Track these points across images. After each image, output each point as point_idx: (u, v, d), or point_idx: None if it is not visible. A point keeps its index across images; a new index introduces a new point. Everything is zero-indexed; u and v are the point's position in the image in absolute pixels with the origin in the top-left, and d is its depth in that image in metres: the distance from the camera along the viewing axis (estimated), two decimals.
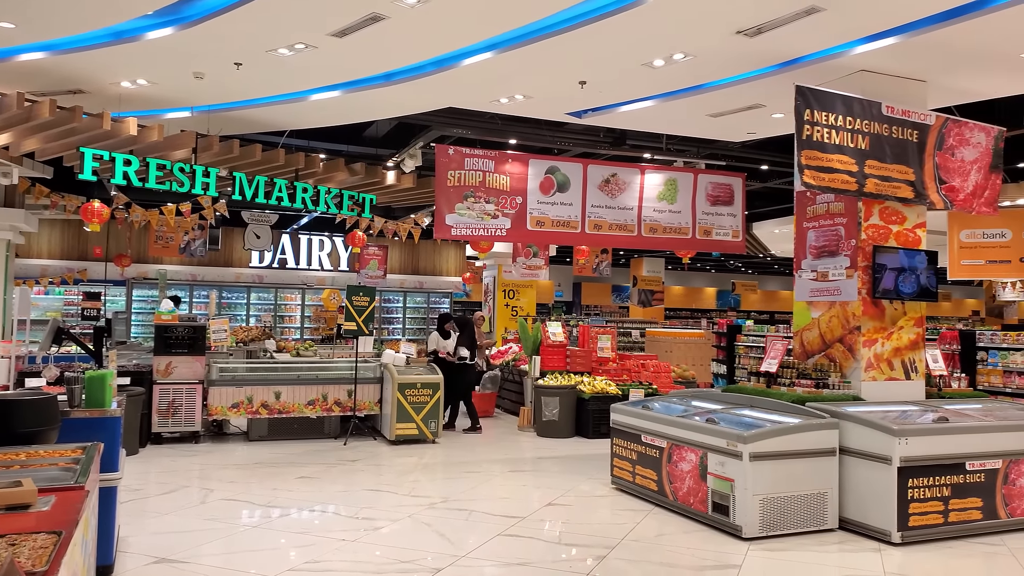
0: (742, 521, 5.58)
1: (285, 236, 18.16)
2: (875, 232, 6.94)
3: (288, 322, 17.95)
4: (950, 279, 13.77)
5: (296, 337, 17.40)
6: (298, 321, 17.96)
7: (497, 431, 10.56)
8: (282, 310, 17.93)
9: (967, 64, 6.86)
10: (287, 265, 18.14)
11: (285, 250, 18.14)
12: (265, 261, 17.94)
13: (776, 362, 7.19)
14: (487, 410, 11.74)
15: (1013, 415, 6.48)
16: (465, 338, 10.37)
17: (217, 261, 17.51)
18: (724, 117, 8.84)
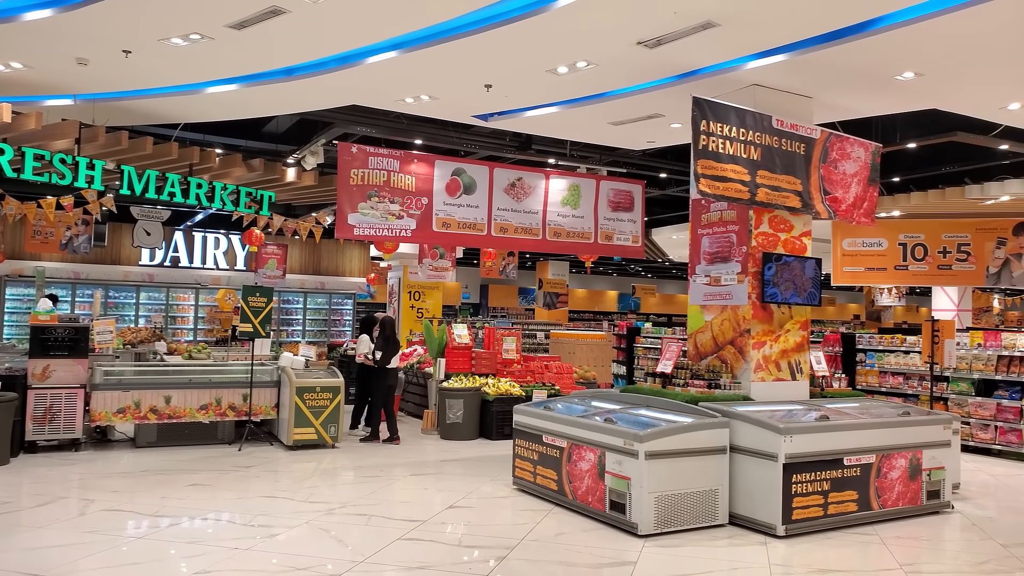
0: (638, 519, 5.73)
1: (178, 233, 17.36)
2: (765, 239, 7.29)
3: (181, 323, 17.18)
4: (834, 285, 14.61)
5: (189, 339, 16.67)
6: (191, 322, 17.22)
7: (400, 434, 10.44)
8: (174, 310, 17.15)
9: (848, 83, 7.30)
10: (180, 264, 17.34)
11: (178, 248, 17.33)
12: (156, 259, 17.09)
13: (671, 363, 7.43)
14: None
15: (886, 413, 6.94)
16: (384, 341, 9.84)
17: (104, 259, 16.55)
18: (625, 125, 9.07)
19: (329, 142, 10.89)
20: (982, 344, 10.30)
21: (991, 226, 12.96)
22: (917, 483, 6.61)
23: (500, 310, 31.28)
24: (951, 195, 11.73)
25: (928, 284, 14.60)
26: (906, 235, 13.47)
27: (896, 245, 13.55)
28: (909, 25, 5.77)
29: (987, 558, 5.55)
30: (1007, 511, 7.03)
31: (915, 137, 10.13)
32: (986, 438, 9.94)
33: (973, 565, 5.41)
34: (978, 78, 7.06)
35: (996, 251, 12.94)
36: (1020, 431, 9.59)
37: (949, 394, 10.41)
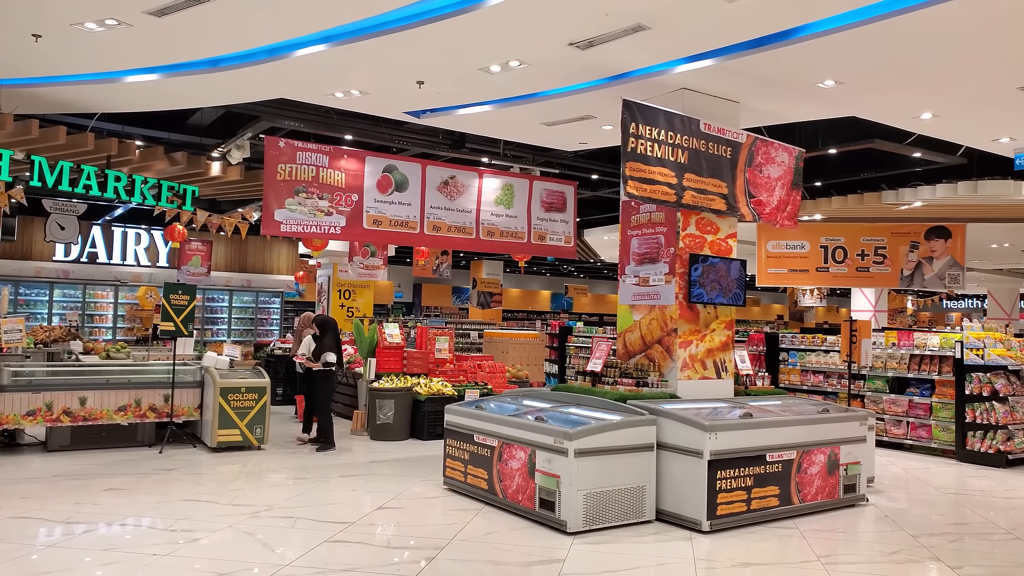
0: (567, 516, 5.77)
1: (96, 228, 16.64)
2: (692, 241, 7.44)
3: (99, 322, 16.47)
4: (758, 286, 15.05)
5: (108, 338, 16.00)
6: (110, 321, 16.53)
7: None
8: (92, 308, 16.43)
9: (773, 89, 7.51)
10: (98, 260, 16.61)
11: (96, 243, 16.60)
12: (72, 255, 16.33)
13: (601, 362, 7.51)
14: None
15: (807, 410, 7.17)
16: (331, 341, 9.27)
17: (13, 253, 15.72)
18: (558, 126, 9.13)
19: (256, 136, 10.61)
20: (896, 344, 10.77)
21: (905, 230, 13.57)
22: (835, 478, 6.86)
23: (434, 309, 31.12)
24: (869, 200, 12.23)
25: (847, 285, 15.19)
26: (827, 238, 13.98)
27: (818, 248, 14.04)
28: (830, 34, 5.98)
29: (898, 548, 5.80)
30: (917, 503, 7.36)
31: (836, 143, 10.52)
32: (899, 433, 10.39)
33: (885, 555, 5.64)
34: (893, 88, 7.37)
35: (909, 254, 13.55)
36: (930, 427, 10.06)
37: (866, 391, 10.85)
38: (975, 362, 9.61)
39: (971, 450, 9.48)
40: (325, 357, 9.10)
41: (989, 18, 5.72)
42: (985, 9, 5.56)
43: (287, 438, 9.82)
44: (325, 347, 9.18)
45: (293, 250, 18.93)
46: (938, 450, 9.94)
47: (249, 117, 10.32)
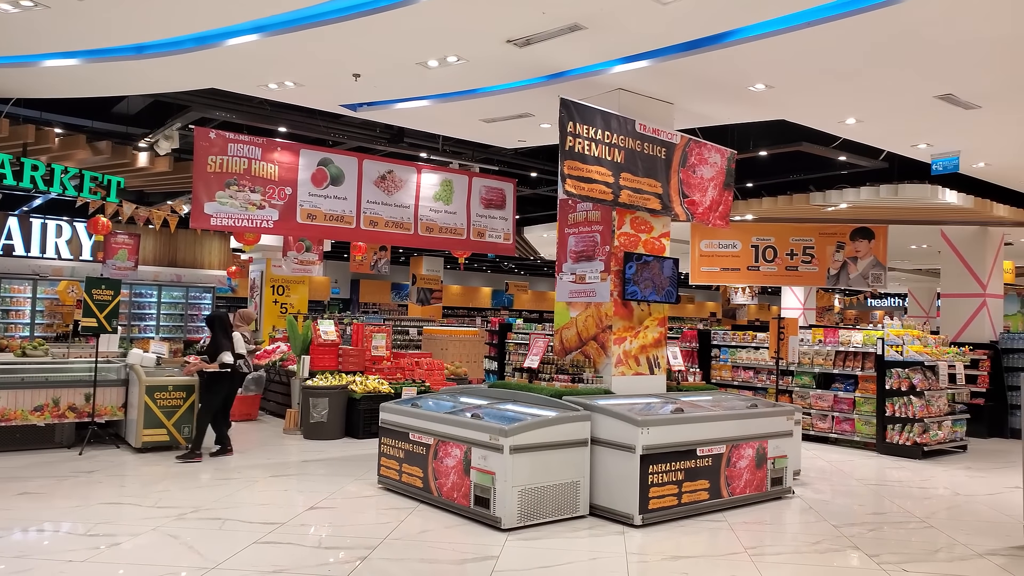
0: (502, 513, 5.78)
1: (12, 219, 15.84)
2: (627, 239, 7.53)
3: (15, 317, 15.71)
4: (692, 284, 15.36)
5: (25, 335, 15.28)
6: (28, 317, 15.79)
7: (261, 435, 10.04)
8: (7, 304, 15.65)
9: (707, 91, 7.66)
10: (14, 252, 15.80)
11: (12, 235, 15.79)
12: None
13: (538, 358, 7.54)
14: (250, 413, 11.12)
15: (736, 405, 7.35)
16: (226, 340, 8.45)
17: None
18: (497, 123, 9.12)
19: (185, 126, 10.28)
20: (822, 340, 11.14)
21: (832, 231, 14.05)
22: (763, 471, 7.05)
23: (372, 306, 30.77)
24: (798, 201, 12.61)
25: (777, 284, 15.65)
26: (758, 238, 14.36)
27: (749, 247, 14.41)
28: (761, 39, 6.12)
29: (821, 538, 6.00)
30: (840, 494, 7.63)
31: (767, 146, 10.80)
32: (824, 427, 10.76)
33: (809, 545, 5.83)
34: (820, 93, 7.60)
35: (836, 254, 14.03)
36: (853, 420, 10.45)
37: (793, 387, 11.19)
38: (895, 358, 10.02)
39: (891, 442, 9.89)
40: (221, 357, 8.23)
41: (908, 30, 5.96)
42: (904, 22, 5.78)
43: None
44: (221, 346, 8.30)
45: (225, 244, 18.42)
46: (861, 443, 10.33)
47: (179, 107, 9.99)
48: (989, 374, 12.13)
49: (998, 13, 5.59)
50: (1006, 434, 11.94)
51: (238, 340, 8.57)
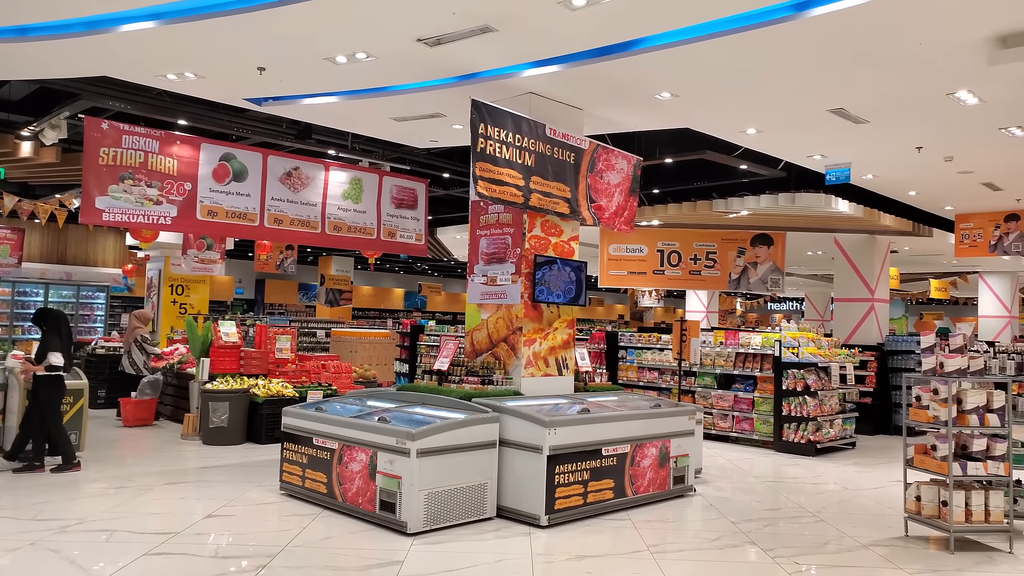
0: (408, 517, 5.70)
1: None
2: (537, 242, 7.58)
3: None
4: (601, 286, 15.64)
5: None
6: None
7: (156, 441, 9.58)
8: None
9: (615, 98, 7.80)
10: None
11: None
12: None
13: (448, 361, 7.50)
14: (145, 418, 10.60)
15: (641, 405, 7.51)
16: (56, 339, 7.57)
17: None
18: (408, 122, 9.01)
19: (75, 115, 9.70)
20: (723, 342, 11.54)
21: (733, 237, 14.59)
22: (666, 470, 7.23)
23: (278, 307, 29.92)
24: (701, 208, 13.03)
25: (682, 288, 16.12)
26: (663, 243, 14.76)
27: (655, 251, 14.79)
28: (667, 48, 6.27)
29: (720, 534, 6.20)
30: (739, 491, 7.90)
31: (672, 153, 11.10)
32: (725, 426, 11.14)
33: (709, 542, 6.01)
34: (722, 103, 7.87)
35: (737, 260, 14.57)
36: (752, 420, 10.86)
37: (696, 387, 11.54)
38: (791, 360, 10.48)
39: (787, 441, 10.33)
40: (49, 359, 7.45)
41: (802, 46, 6.23)
42: (798, 38, 6.05)
43: (109, 443, 9.07)
44: (50, 346, 7.52)
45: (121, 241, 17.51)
46: (759, 441, 10.75)
47: (67, 94, 9.41)
48: (876, 374, 12.85)
49: (885, 34, 5.92)
50: (891, 431, 12.68)
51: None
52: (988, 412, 6.04)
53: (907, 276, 25.09)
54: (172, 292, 15.52)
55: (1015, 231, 12.56)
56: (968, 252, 13.16)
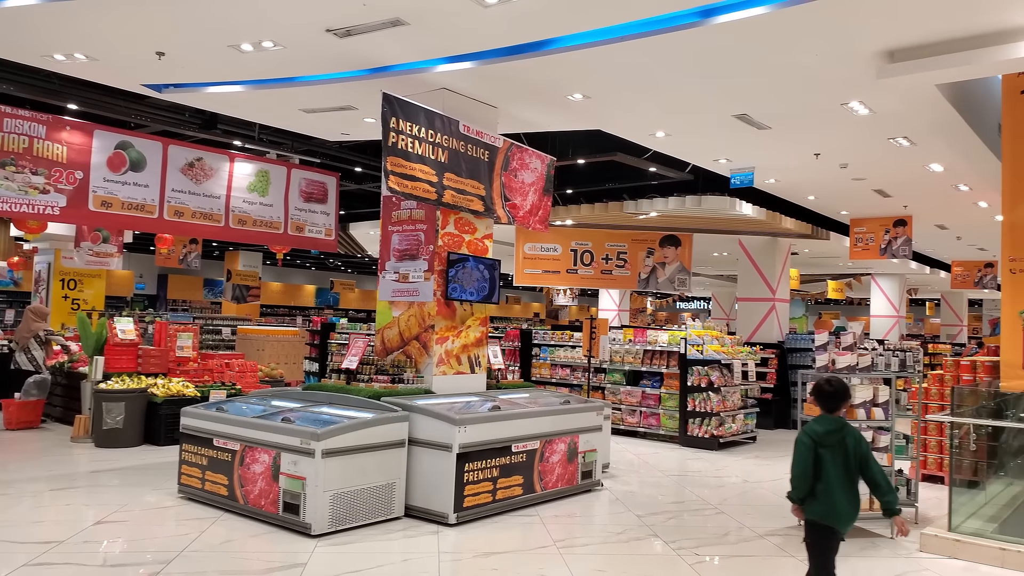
0: (312, 518, 5.57)
1: None
2: (450, 239, 7.54)
3: None
4: (516, 285, 15.72)
5: None
6: None
7: (43, 444, 9.03)
8: None
9: (529, 97, 7.84)
10: None
11: None
12: None
13: (357, 359, 7.37)
14: (31, 420, 9.97)
15: (551, 402, 7.58)
16: None
17: None
18: (318, 114, 8.80)
19: None
20: (632, 340, 11.79)
21: (643, 238, 14.94)
22: (574, 465, 7.32)
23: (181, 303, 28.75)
24: (612, 209, 13.28)
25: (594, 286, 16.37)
26: (577, 242, 14.97)
27: (569, 251, 14.99)
28: (578, 50, 6.35)
29: (626, 528, 6.32)
30: (646, 485, 8.09)
31: (585, 154, 11.26)
32: (633, 422, 11.39)
33: (614, 535, 6.12)
34: (632, 105, 8.02)
35: (646, 260, 14.93)
36: (659, 415, 11.14)
37: (606, 384, 11.75)
38: (696, 357, 10.80)
39: (691, 435, 10.64)
40: None
41: (708, 53, 6.43)
42: (705, 44, 6.23)
43: None
44: None
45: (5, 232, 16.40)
46: (666, 436, 11.04)
47: None
48: (776, 371, 13.42)
49: (784, 44, 6.17)
50: (790, 425, 13.26)
51: None
52: (874, 406, 6.38)
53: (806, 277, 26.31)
54: (64, 287, 14.65)
55: (902, 235, 13.35)
56: (861, 255, 13.90)
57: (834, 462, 4.06)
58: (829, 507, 4.04)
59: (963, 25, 5.64)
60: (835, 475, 4.04)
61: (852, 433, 4.15)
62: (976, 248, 18.28)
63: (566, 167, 11.75)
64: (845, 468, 4.06)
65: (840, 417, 4.24)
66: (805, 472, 4.09)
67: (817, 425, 4.18)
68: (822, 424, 4.18)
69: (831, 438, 4.10)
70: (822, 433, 4.12)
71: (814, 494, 4.07)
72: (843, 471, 4.06)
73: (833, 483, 4.03)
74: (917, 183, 10.84)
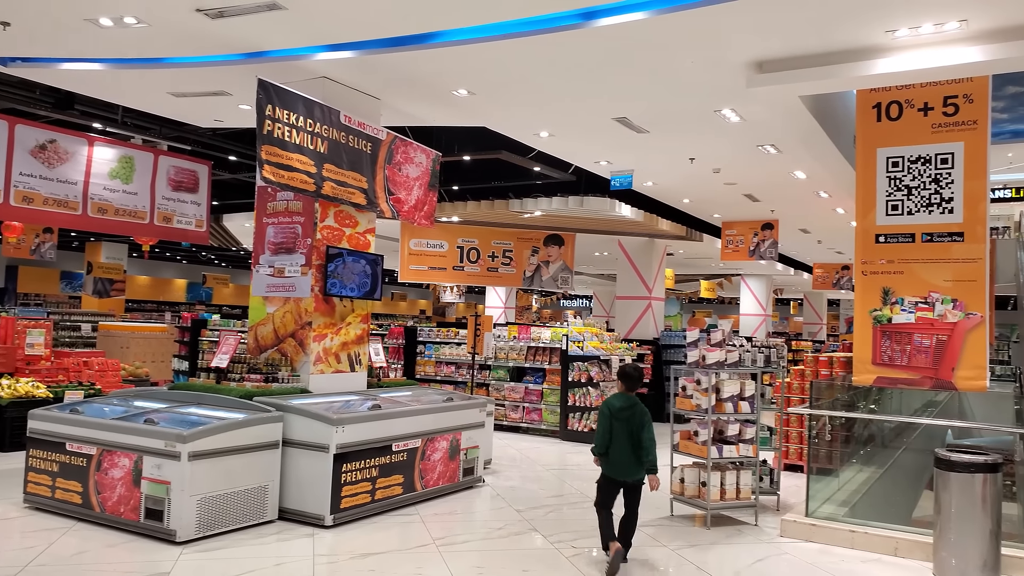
0: (177, 525, 5.26)
1: None
2: (330, 233, 7.32)
3: None
4: (401, 281, 15.52)
5: None
6: None
7: None
8: None
9: (413, 91, 7.72)
10: None
11: None
12: None
13: (227, 357, 7.03)
14: None
15: (434, 399, 7.52)
16: None
17: None
18: (189, 99, 8.32)
19: None
20: (517, 337, 11.89)
21: (528, 236, 15.10)
22: (456, 462, 7.29)
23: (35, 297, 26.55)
24: (498, 207, 13.34)
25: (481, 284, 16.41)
26: (463, 239, 14.94)
27: (455, 248, 14.93)
28: (463, 45, 6.29)
29: (506, 523, 6.35)
30: (527, 480, 8.17)
31: (471, 151, 11.24)
32: (516, 417, 11.49)
33: (495, 531, 6.13)
34: (516, 104, 8.06)
35: (531, 258, 15.10)
36: (541, 410, 11.29)
37: (491, 380, 11.79)
38: (576, 353, 11.02)
39: (572, 430, 10.85)
40: None
41: (589, 56, 6.54)
42: (586, 48, 6.34)
43: None
44: None
45: None
46: (548, 431, 11.20)
47: None
48: (652, 367, 13.89)
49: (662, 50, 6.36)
50: (664, 418, 13.75)
51: None
52: (741, 400, 6.71)
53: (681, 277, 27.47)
54: None
55: (769, 238, 14.15)
56: (732, 256, 14.62)
57: (623, 431, 5.24)
58: (617, 464, 5.27)
59: (824, 41, 6.01)
60: (622, 440, 5.24)
61: (639, 410, 5.30)
62: (835, 251, 19.67)
63: (452, 163, 11.69)
64: (630, 436, 5.23)
65: (633, 396, 5.42)
66: (603, 434, 5.29)
67: (615, 400, 5.36)
68: (619, 400, 5.36)
69: (624, 412, 5.27)
70: (618, 407, 5.30)
71: (607, 453, 5.28)
72: (628, 438, 5.23)
73: (621, 446, 5.24)
74: (783, 189, 11.51)
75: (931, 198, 6.43)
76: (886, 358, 6.45)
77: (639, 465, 5.23)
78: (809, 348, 20.12)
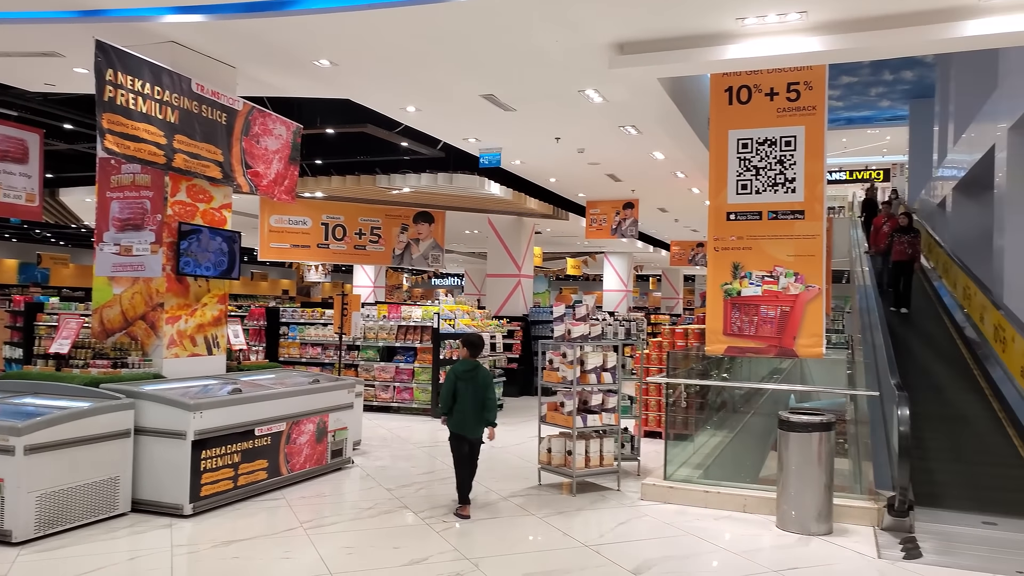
0: (12, 524, 4.85)
1: None
2: (182, 209, 6.90)
3: None
4: (260, 259, 14.88)
5: None
6: None
7: None
8: None
9: (272, 60, 7.37)
10: None
11: None
12: None
13: (69, 342, 6.51)
14: None
15: (299, 382, 7.30)
16: None
17: None
18: (15, 60, 7.55)
19: None
20: (387, 316, 11.74)
21: (397, 213, 14.89)
22: (323, 445, 7.13)
23: None
24: (365, 182, 13.05)
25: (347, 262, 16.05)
26: (328, 216, 14.52)
27: (319, 224, 14.49)
28: (325, 13, 6.07)
29: (376, 502, 6.30)
30: (398, 459, 8.12)
31: (335, 124, 10.91)
32: (387, 397, 11.37)
33: (364, 511, 6.06)
34: (382, 77, 7.88)
35: (400, 236, 14.91)
36: (412, 389, 11.24)
37: (359, 361, 11.59)
38: (448, 331, 11.03)
39: None
40: None
41: (455, 30, 6.48)
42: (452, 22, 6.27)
43: None
44: None
45: None
46: (419, 410, 11.17)
47: None
48: (522, 342, 14.14)
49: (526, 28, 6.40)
50: (533, 392, 14.09)
51: None
52: (604, 371, 6.96)
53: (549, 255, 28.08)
54: None
55: (630, 217, 14.68)
56: (596, 234, 15.06)
57: (467, 391, 5.97)
58: (461, 422, 6.00)
59: (680, 26, 6.26)
60: (467, 400, 5.96)
61: (483, 372, 6.08)
62: (691, 230, 20.71)
63: (315, 136, 11.31)
64: (474, 396, 5.97)
65: (476, 360, 6.14)
66: (447, 396, 6.02)
67: (460, 365, 6.10)
68: (463, 365, 6.09)
69: (467, 375, 6.02)
70: (461, 371, 6.04)
71: (452, 413, 6.01)
72: (472, 398, 5.96)
73: (465, 405, 5.96)
74: (643, 169, 11.96)
75: (776, 178, 6.89)
76: (736, 329, 6.88)
77: (480, 423, 6.00)
78: (667, 321, 21.16)
